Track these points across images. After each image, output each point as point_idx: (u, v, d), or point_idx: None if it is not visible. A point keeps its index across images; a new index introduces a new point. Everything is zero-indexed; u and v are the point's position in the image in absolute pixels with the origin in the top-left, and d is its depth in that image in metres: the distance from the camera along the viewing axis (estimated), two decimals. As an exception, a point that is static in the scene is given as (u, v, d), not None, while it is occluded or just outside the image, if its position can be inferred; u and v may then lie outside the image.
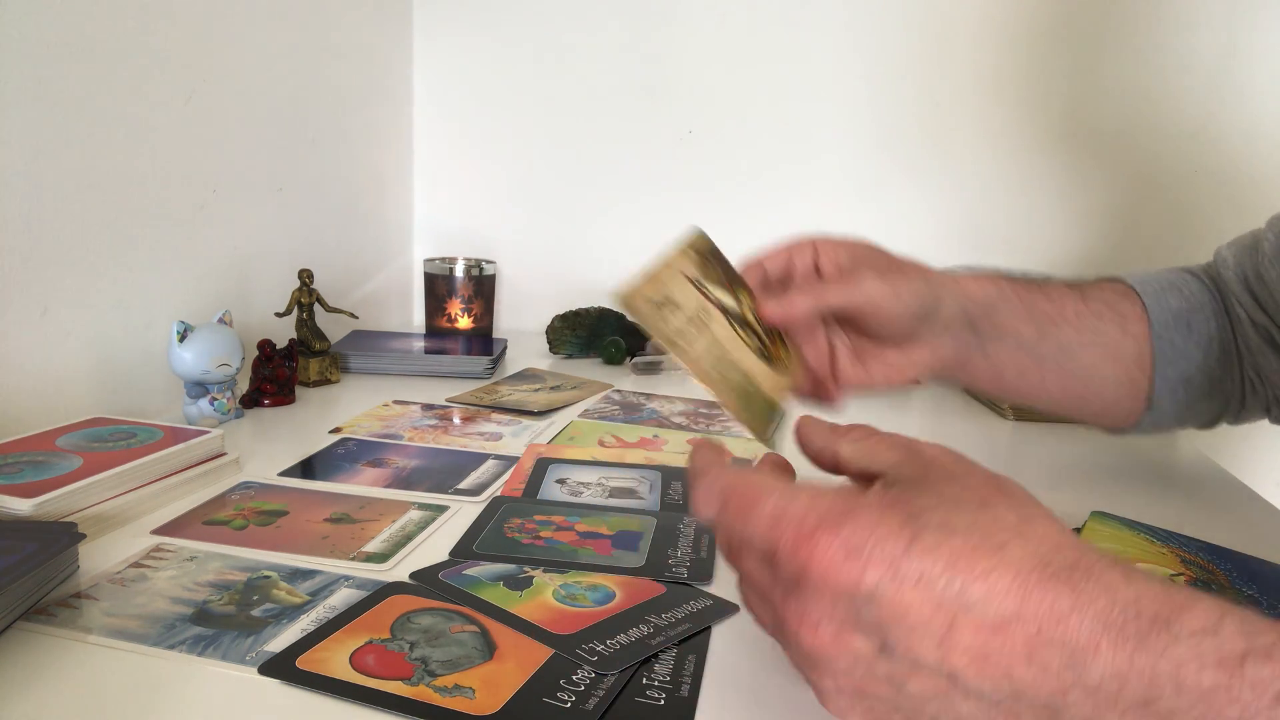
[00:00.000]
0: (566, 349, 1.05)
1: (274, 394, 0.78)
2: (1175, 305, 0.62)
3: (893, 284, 0.55)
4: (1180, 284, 0.64)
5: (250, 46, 0.85)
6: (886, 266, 0.57)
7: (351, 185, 1.06)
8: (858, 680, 0.32)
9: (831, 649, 0.32)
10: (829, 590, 0.31)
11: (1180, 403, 0.63)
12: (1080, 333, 0.60)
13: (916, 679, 0.31)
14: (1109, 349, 0.61)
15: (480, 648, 0.41)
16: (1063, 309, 0.60)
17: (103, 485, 0.52)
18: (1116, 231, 1.09)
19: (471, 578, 0.48)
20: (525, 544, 0.52)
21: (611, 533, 0.55)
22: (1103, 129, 1.08)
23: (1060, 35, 1.06)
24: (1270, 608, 0.48)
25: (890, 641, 0.31)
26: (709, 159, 1.15)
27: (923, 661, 0.31)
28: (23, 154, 0.62)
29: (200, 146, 0.78)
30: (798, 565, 0.32)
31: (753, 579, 0.35)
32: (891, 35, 1.09)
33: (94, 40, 0.66)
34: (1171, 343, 0.62)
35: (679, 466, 0.68)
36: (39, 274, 0.64)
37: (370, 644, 0.41)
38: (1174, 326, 0.62)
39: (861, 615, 0.31)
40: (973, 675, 0.30)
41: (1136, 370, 0.62)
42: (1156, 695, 0.28)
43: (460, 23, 1.17)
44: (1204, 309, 0.63)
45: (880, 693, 0.32)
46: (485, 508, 0.58)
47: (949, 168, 1.11)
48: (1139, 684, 0.28)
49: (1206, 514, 0.66)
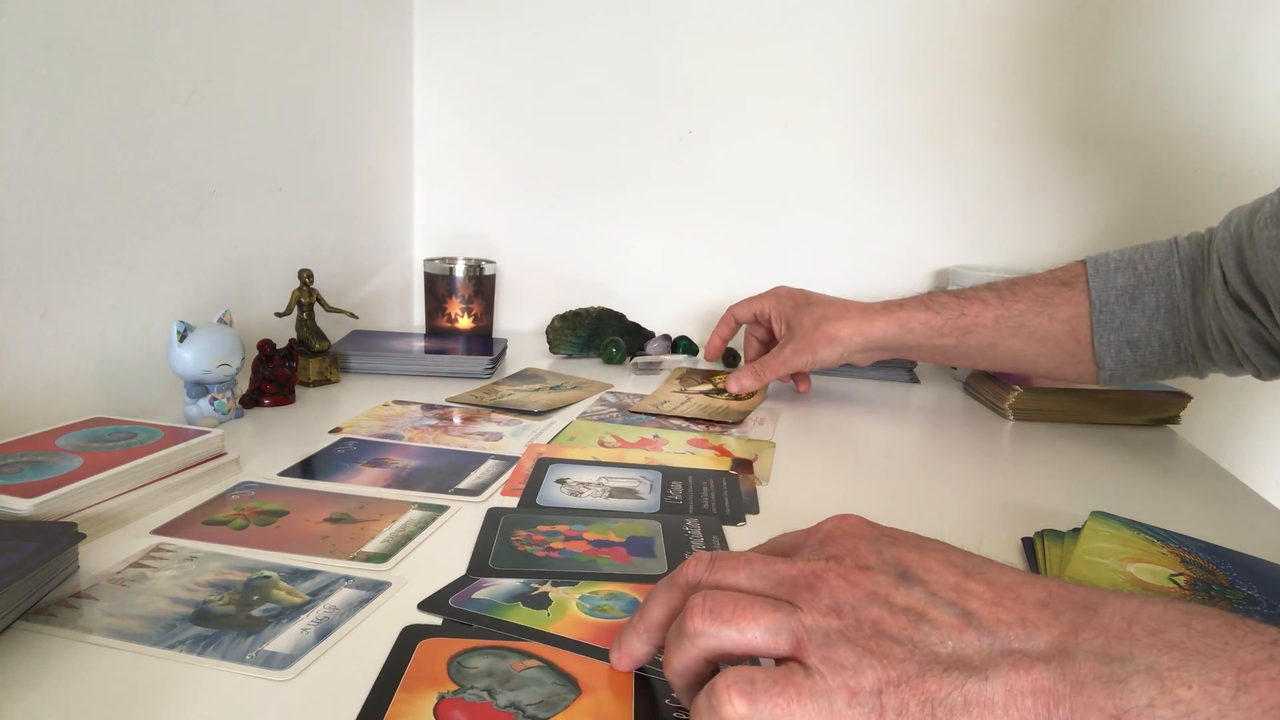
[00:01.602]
0: (566, 349, 1.05)
1: (274, 394, 0.78)
2: (1122, 283, 0.74)
3: (813, 354, 0.84)
4: (1140, 259, 0.75)
5: (250, 46, 0.85)
6: (809, 327, 0.85)
7: (351, 185, 1.07)
8: (875, 616, 0.32)
9: (856, 578, 0.33)
10: (851, 535, 0.36)
11: (1128, 361, 0.75)
12: (998, 333, 0.78)
13: (933, 613, 0.32)
14: (1033, 336, 0.77)
15: (560, 681, 0.39)
16: (979, 319, 0.78)
17: (103, 485, 0.52)
18: (1119, 231, 1.09)
19: (487, 601, 0.46)
20: (540, 556, 0.51)
21: (622, 539, 0.54)
22: (1105, 129, 1.08)
23: (1062, 36, 1.06)
24: (1270, 608, 0.48)
25: (910, 573, 0.33)
26: (709, 159, 1.15)
27: (939, 596, 0.32)
28: (23, 154, 0.62)
29: (200, 146, 0.78)
30: (821, 530, 0.37)
31: (756, 569, 0.35)
32: (892, 35, 1.09)
33: (94, 40, 0.66)
34: (1113, 314, 0.74)
35: (679, 467, 0.68)
36: (39, 274, 0.64)
37: (445, 699, 0.37)
38: (1116, 301, 0.74)
39: (883, 552, 0.34)
40: (987, 617, 0.31)
41: (1072, 343, 0.76)
42: (1165, 627, 0.30)
43: (460, 23, 1.17)
44: (1156, 281, 0.74)
45: (896, 631, 0.31)
46: (484, 521, 0.56)
47: (950, 169, 1.11)
48: (1149, 619, 0.30)
49: (1207, 514, 0.66)
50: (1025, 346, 0.78)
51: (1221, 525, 0.64)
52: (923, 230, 1.13)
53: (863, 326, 0.82)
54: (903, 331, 0.81)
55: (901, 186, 1.13)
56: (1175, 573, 0.51)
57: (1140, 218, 1.08)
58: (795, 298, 0.88)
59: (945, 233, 1.13)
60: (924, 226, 1.13)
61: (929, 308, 0.80)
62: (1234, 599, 0.49)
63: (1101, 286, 0.75)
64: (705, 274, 1.18)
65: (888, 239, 1.14)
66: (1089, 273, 0.76)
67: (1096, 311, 0.75)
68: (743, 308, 0.92)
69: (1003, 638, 0.31)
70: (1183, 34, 1.04)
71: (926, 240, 1.13)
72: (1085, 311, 0.75)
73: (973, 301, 0.79)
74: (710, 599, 0.33)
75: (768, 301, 0.90)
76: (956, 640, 0.31)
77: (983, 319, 0.78)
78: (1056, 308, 0.76)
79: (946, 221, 1.13)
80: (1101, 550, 0.53)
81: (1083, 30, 1.06)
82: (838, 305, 0.85)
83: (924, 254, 1.14)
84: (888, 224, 1.14)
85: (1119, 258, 0.76)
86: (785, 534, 0.40)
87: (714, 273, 1.18)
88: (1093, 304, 0.75)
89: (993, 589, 0.32)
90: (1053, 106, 1.08)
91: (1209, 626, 0.29)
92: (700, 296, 1.18)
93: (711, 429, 0.79)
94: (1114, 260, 0.76)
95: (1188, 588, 0.50)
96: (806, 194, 1.15)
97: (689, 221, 1.17)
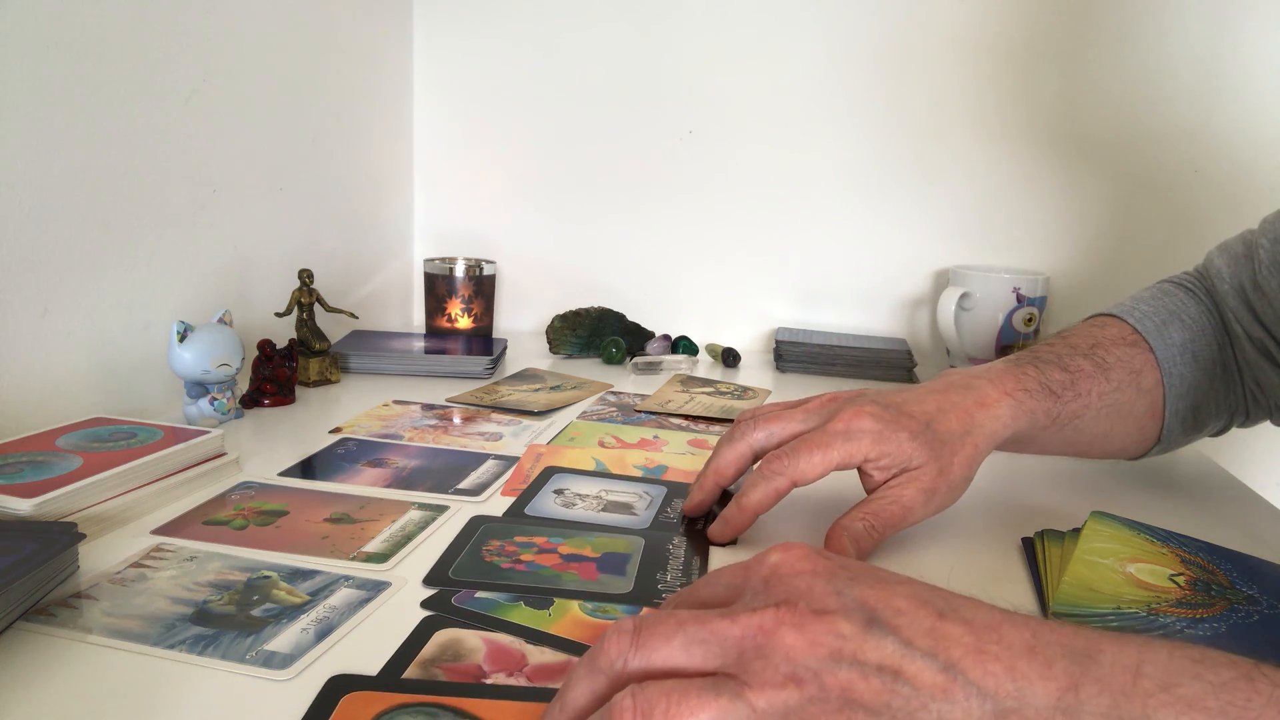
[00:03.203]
0: (566, 349, 1.05)
1: (274, 394, 0.78)
2: (1179, 339, 0.63)
3: (938, 500, 0.54)
4: (1179, 310, 0.65)
5: (250, 46, 0.85)
6: (933, 477, 0.53)
7: (351, 185, 1.06)
8: (844, 681, 0.27)
9: (814, 630, 0.28)
10: (801, 572, 0.31)
11: (1189, 428, 0.65)
12: (1098, 414, 0.60)
13: (910, 669, 0.27)
14: (1122, 412, 0.62)
15: None
16: (1088, 402, 0.59)
17: (103, 485, 0.52)
18: (1117, 233, 1.09)
19: (489, 601, 0.46)
20: (504, 569, 0.49)
21: (597, 555, 0.52)
22: (1101, 131, 1.08)
23: (1057, 38, 1.06)
24: (1270, 608, 0.48)
25: (879, 618, 0.28)
26: (709, 159, 1.15)
27: (915, 646, 0.28)
28: (23, 154, 0.62)
29: (200, 146, 0.78)
30: (765, 566, 0.32)
31: (686, 624, 0.30)
32: (892, 36, 1.09)
33: (94, 40, 0.66)
34: (1181, 377, 0.63)
35: (684, 483, 0.64)
36: (39, 274, 0.64)
37: None
38: (1180, 361, 0.63)
39: (843, 594, 0.29)
40: (973, 668, 0.27)
41: (1148, 419, 0.63)
42: (1177, 680, 0.26)
43: (460, 22, 1.17)
44: (1205, 333, 0.64)
45: (870, 699, 0.27)
46: (464, 527, 0.55)
47: (949, 170, 1.11)
48: (1156, 670, 0.26)
49: (1206, 514, 0.66)
50: (1111, 427, 0.62)
51: (1221, 525, 0.64)
52: (923, 230, 1.13)
53: (994, 419, 0.56)
54: (1029, 427, 0.58)
55: (901, 188, 1.13)
56: (1175, 573, 0.51)
57: (1139, 219, 1.08)
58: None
59: (944, 234, 1.13)
60: (924, 227, 1.13)
61: (1043, 390, 0.57)
62: (1234, 599, 0.49)
63: (1162, 346, 0.63)
64: (706, 274, 1.18)
65: (888, 239, 1.14)
66: (1141, 331, 0.63)
67: (1166, 374, 0.63)
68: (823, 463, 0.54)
69: (993, 694, 0.27)
70: (1179, 35, 1.04)
71: (926, 242, 1.13)
72: (1158, 379, 0.62)
73: (1078, 378, 0.59)
74: (639, 696, 0.28)
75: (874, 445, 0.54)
76: (942, 703, 0.27)
77: (1090, 400, 0.60)
78: (1141, 376, 0.62)
79: (945, 224, 1.13)
80: (1101, 550, 0.53)
81: (1078, 34, 1.06)
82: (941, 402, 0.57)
83: (924, 257, 1.14)
84: (888, 223, 1.14)
85: (1157, 309, 0.65)
86: (721, 570, 0.35)
87: (714, 273, 1.18)
88: (1161, 368, 0.62)
89: (972, 631, 0.28)
90: (1050, 108, 1.08)
91: (1224, 680, 0.26)
92: (701, 296, 1.18)
93: (713, 428, 0.79)
94: (1154, 314, 0.64)
95: (1188, 588, 0.50)
96: (807, 193, 1.15)
97: (689, 221, 1.17)
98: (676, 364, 1.03)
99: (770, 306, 1.17)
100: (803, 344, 1.04)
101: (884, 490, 0.52)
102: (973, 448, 0.53)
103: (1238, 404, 0.66)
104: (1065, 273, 1.10)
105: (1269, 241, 0.63)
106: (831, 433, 0.52)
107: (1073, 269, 1.10)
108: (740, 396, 0.90)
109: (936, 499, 0.53)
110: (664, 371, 1.01)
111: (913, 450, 0.52)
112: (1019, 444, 0.60)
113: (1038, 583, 0.52)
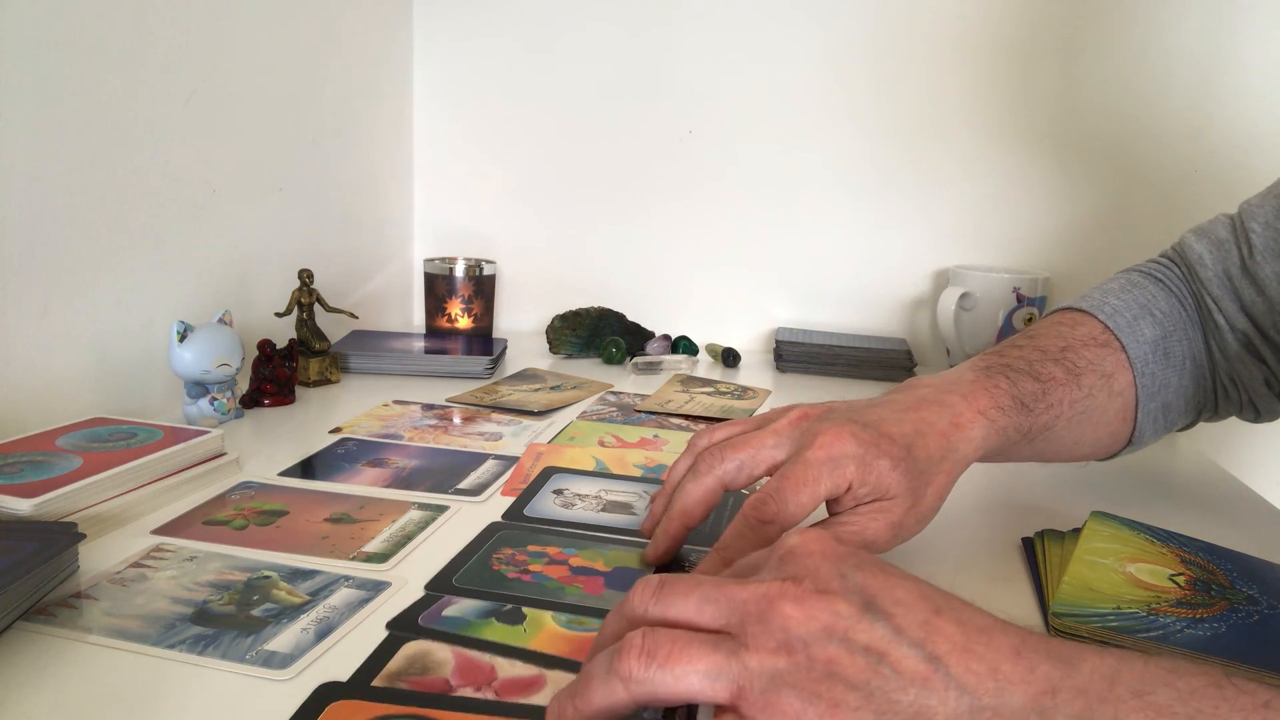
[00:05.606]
0: (566, 349, 1.05)
1: (274, 394, 0.78)
2: (1151, 335, 0.61)
3: (904, 534, 0.50)
4: (1150, 304, 0.63)
5: (250, 46, 0.85)
6: (904, 510, 0.49)
7: (351, 185, 1.06)
8: (830, 655, 0.29)
9: (812, 606, 0.30)
10: (813, 554, 0.33)
11: (1159, 427, 0.63)
12: (1070, 422, 0.58)
13: (895, 654, 0.29)
14: (1093, 418, 0.59)
15: None
16: (1059, 412, 0.57)
17: (103, 485, 0.52)
18: (1116, 233, 1.09)
19: (458, 619, 0.44)
20: (510, 579, 0.48)
21: (608, 569, 0.50)
22: (1101, 131, 1.08)
23: (1056, 37, 1.06)
24: (1270, 608, 0.48)
25: (876, 604, 0.30)
26: (709, 159, 1.15)
27: (905, 634, 0.29)
28: (23, 153, 0.62)
29: (200, 146, 0.78)
30: (783, 546, 0.34)
31: (705, 588, 0.33)
32: (893, 35, 1.09)
33: (94, 40, 0.66)
34: (1153, 376, 0.61)
35: None
36: (39, 274, 0.64)
37: None
38: (1153, 359, 0.61)
39: (847, 578, 0.31)
40: (956, 664, 0.29)
41: (1119, 423, 0.61)
42: (1150, 688, 0.28)
43: (460, 23, 1.17)
44: (1177, 328, 0.62)
45: (852, 675, 0.29)
46: (480, 532, 0.54)
47: (950, 170, 1.11)
48: (1131, 678, 0.28)
49: (1206, 514, 0.66)
50: (1082, 435, 0.60)
51: (1221, 525, 0.64)
52: (923, 230, 1.13)
53: (965, 438, 0.52)
54: (1001, 444, 0.55)
55: (902, 186, 1.13)
56: (1175, 573, 0.51)
57: (1138, 220, 1.08)
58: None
59: (945, 233, 1.13)
60: (924, 226, 1.13)
61: (1014, 406, 0.54)
62: (1234, 599, 0.49)
63: (1135, 344, 0.61)
64: (706, 274, 1.18)
65: (888, 238, 1.14)
66: (1113, 329, 0.61)
67: (1139, 374, 0.61)
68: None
69: (972, 691, 0.28)
70: (1178, 35, 1.04)
71: (926, 240, 1.13)
72: (1130, 380, 0.61)
73: (1048, 386, 0.56)
74: (649, 637, 0.31)
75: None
76: (920, 690, 0.28)
77: (1062, 409, 0.57)
78: (1113, 379, 0.60)
79: (944, 224, 1.13)
80: (1101, 550, 0.53)
81: (1078, 33, 1.06)
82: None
83: (922, 257, 1.14)
84: (888, 223, 1.14)
85: (1127, 303, 0.63)
86: (753, 553, 0.38)
87: (714, 272, 1.18)
88: (1134, 369, 0.60)
89: (964, 630, 0.30)
90: (1049, 108, 1.08)
91: (1195, 687, 0.28)
92: (700, 296, 1.18)
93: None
94: (1124, 308, 0.62)
95: (1188, 587, 0.50)
96: (807, 193, 1.15)
97: (689, 221, 1.17)
98: (676, 364, 1.03)
99: (770, 306, 1.17)
100: (803, 344, 1.04)
101: (850, 516, 0.48)
102: (946, 476, 0.50)
103: (1206, 399, 0.64)
104: (1065, 273, 1.10)
105: (1260, 226, 0.61)
106: (814, 463, 0.46)
107: (1073, 269, 1.10)
108: (740, 396, 0.90)
109: (904, 533, 0.49)
110: (664, 371, 1.01)
111: (892, 481, 0.47)
112: (987, 458, 0.56)
113: (1038, 583, 0.52)
